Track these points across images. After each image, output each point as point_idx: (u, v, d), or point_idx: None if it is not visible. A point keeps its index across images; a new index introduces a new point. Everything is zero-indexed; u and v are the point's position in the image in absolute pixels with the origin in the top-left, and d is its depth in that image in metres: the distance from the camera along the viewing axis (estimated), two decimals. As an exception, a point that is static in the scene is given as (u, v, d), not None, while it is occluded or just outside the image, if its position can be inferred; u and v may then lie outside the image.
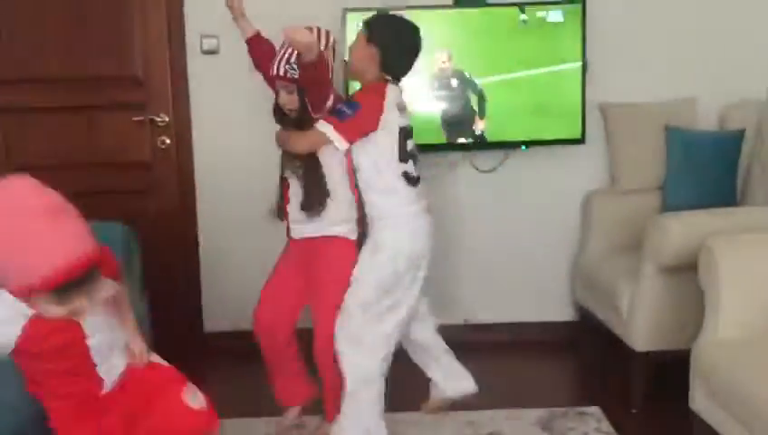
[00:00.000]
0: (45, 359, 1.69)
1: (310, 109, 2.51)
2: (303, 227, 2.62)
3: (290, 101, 2.52)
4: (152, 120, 3.64)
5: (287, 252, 2.76)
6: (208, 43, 3.61)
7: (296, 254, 2.70)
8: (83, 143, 3.64)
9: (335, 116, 2.46)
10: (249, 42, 2.79)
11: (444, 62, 3.45)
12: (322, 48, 2.46)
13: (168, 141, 3.67)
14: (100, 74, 3.60)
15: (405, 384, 2.96)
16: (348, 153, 2.54)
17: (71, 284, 1.54)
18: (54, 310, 1.58)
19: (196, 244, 3.77)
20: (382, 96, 2.51)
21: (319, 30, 2.53)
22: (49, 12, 3.56)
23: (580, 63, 3.46)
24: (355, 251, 2.60)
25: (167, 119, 3.64)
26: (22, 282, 1.51)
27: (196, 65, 3.63)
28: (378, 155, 2.52)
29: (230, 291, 3.69)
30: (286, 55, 2.48)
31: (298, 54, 2.40)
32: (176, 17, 3.60)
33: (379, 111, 2.48)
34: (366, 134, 2.48)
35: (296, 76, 2.45)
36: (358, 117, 2.45)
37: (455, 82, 3.48)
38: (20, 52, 3.58)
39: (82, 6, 3.56)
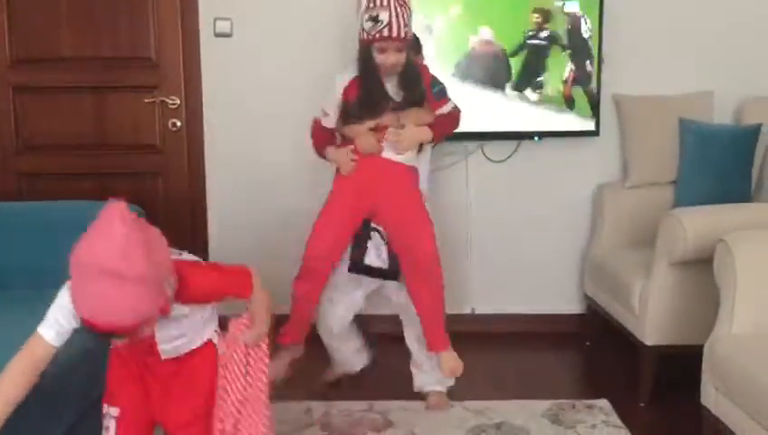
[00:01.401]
0: None
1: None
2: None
3: (398, 58, 2.63)
4: (163, 102, 3.62)
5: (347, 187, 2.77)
6: (221, 26, 3.59)
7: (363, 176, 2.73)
8: (94, 124, 3.63)
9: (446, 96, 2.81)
10: None
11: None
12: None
13: (178, 124, 3.65)
14: (112, 55, 3.59)
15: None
16: None
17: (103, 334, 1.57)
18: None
19: (206, 227, 3.75)
20: None
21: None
22: (62, -9, 3.55)
23: (595, 54, 3.44)
24: None
25: (178, 101, 3.63)
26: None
27: (209, 48, 3.61)
28: None
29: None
30: (403, 17, 2.57)
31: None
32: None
33: None
34: None
35: (411, 33, 2.64)
36: None
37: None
38: (33, 31, 3.57)
39: (96, -14, 3.55)
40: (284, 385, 2.69)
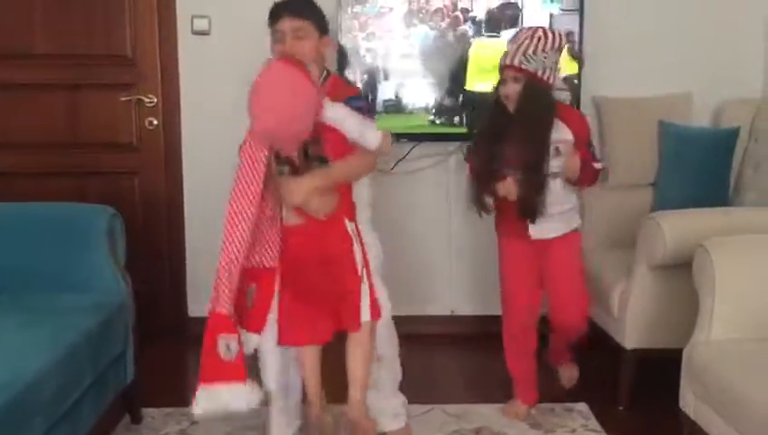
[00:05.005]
0: None
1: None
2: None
3: (515, 90, 2.60)
4: (140, 101, 3.57)
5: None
6: (199, 24, 3.55)
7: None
8: (70, 122, 3.58)
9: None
10: None
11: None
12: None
13: (155, 122, 3.60)
14: (88, 53, 3.54)
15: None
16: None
17: None
18: None
19: (182, 227, 3.71)
20: None
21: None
22: (36, -14, 3.48)
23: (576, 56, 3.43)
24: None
25: (155, 99, 3.58)
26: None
27: (187, 46, 3.57)
28: None
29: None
30: (523, 48, 2.55)
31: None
32: (166, -4, 3.53)
33: None
34: None
35: (531, 69, 2.56)
36: None
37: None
38: (6, 27, 3.51)
39: (71, -18, 3.49)
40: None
